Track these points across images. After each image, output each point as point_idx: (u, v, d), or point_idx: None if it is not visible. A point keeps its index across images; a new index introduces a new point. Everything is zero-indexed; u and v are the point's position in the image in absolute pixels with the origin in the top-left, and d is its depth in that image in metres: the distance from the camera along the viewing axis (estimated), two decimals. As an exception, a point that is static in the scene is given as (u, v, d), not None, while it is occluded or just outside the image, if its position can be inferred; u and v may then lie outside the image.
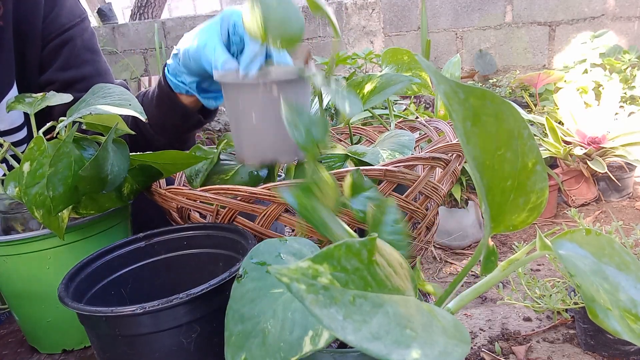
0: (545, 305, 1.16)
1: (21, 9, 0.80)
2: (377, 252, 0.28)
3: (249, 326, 0.35)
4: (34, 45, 0.83)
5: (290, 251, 0.40)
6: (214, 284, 0.44)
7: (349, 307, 0.24)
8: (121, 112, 0.55)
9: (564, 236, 0.33)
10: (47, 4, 0.83)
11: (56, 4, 0.84)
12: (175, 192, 0.60)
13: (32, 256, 0.59)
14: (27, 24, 0.81)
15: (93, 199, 0.59)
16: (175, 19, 3.63)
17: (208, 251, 0.58)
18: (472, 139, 0.26)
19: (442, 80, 0.25)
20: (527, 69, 2.79)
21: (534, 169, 0.29)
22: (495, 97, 0.26)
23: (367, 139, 0.90)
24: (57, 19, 0.83)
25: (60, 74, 0.84)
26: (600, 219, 2.04)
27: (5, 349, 0.67)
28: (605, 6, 2.55)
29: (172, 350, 0.44)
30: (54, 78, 0.85)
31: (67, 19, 0.84)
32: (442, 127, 0.81)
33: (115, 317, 0.42)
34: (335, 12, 3.15)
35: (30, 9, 0.81)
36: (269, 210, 0.57)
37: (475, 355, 1.16)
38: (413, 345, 0.24)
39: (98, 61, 0.88)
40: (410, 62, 0.79)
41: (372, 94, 0.70)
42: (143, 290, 0.57)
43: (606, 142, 2.05)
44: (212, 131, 2.67)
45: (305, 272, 0.24)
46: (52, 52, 0.84)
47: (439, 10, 2.89)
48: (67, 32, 0.84)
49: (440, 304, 0.38)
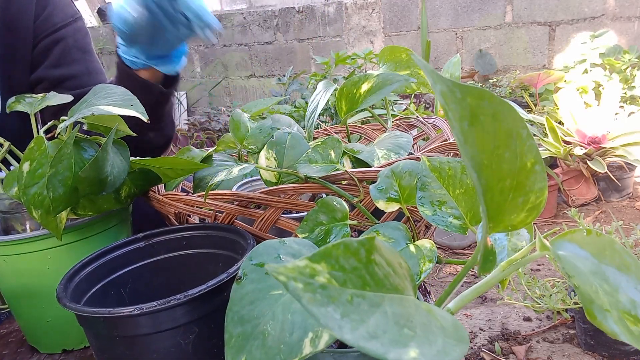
0: (545, 305, 1.16)
1: (11, 7, 0.81)
2: (376, 252, 0.28)
3: (249, 328, 0.35)
4: (24, 43, 0.83)
5: (289, 252, 0.40)
6: (212, 285, 0.44)
7: (347, 306, 0.24)
8: (122, 113, 0.54)
9: (564, 237, 0.33)
10: (38, 4, 0.83)
11: (48, 3, 0.85)
12: (173, 198, 0.60)
13: (32, 256, 0.59)
14: (17, 22, 0.82)
15: (91, 201, 0.59)
16: (175, 20, 3.62)
17: (207, 251, 0.58)
18: (469, 139, 0.26)
19: (439, 79, 0.25)
20: (527, 69, 2.79)
21: (533, 169, 0.28)
22: (493, 97, 0.26)
23: (365, 137, 0.90)
24: (49, 19, 0.84)
25: (50, 71, 0.85)
26: (600, 219, 2.04)
27: (5, 349, 0.67)
28: (605, 6, 2.55)
29: (170, 351, 0.44)
30: (44, 75, 0.85)
31: (60, 18, 0.85)
32: (439, 124, 0.81)
33: (114, 317, 0.42)
34: (335, 12, 3.15)
35: (20, 8, 0.82)
36: (267, 215, 0.57)
37: (475, 355, 1.16)
38: (411, 344, 0.24)
39: (90, 60, 0.88)
40: (408, 60, 0.79)
41: (368, 94, 0.70)
42: (142, 291, 0.57)
43: (606, 142, 2.05)
44: (212, 131, 2.67)
45: (302, 270, 0.24)
46: (43, 50, 0.85)
47: (439, 10, 2.89)
48: (59, 31, 0.85)
49: (440, 304, 0.38)
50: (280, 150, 0.66)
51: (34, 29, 0.83)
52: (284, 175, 0.63)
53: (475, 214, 0.45)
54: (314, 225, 0.53)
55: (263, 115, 1.38)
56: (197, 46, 3.62)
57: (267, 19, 3.36)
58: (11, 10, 0.81)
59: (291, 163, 0.64)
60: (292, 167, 0.63)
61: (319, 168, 0.59)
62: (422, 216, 0.46)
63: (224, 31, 3.48)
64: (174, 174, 0.62)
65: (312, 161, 0.62)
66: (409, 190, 0.51)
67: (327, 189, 0.58)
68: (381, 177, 0.53)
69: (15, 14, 0.82)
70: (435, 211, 0.45)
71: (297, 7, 3.25)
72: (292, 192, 0.57)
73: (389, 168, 0.53)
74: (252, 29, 3.42)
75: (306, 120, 0.78)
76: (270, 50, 3.42)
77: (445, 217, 0.45)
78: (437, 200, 0.46)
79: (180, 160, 0.60)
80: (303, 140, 0.67)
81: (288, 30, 3.32)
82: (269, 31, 3.38)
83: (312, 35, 3.26)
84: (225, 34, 3.51)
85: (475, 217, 0.45)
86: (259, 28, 3.40)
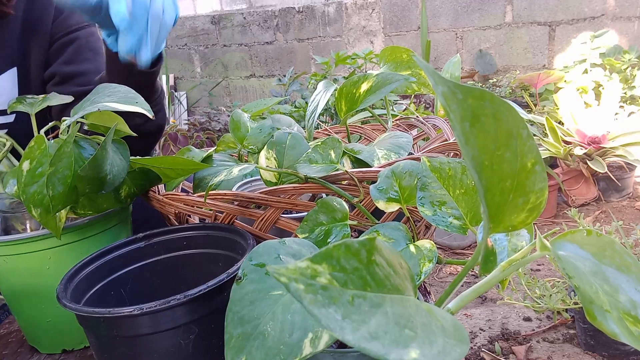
0: (545, 305, 1.16)
1: (34, 10, 0.89)
2: (377, 252, 0.28)
3: (249, 328, 0.35)
4: (42, 42, 0.90)
5: (289, 252, 0.40)
6: (212, 285, 0.44)
7: (348, 307, 0.24)
8: (128, 109, 0.55)
9: (564, 237, 0.33)
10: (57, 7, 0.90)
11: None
12: (173, 198, 0.60)
13: (32, 256, 0.59)
14: (38, 23, 0.89)
15: (91, 200, 0.59)
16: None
17: (207, 251, 0.58)
18: (470, 140, 0.26)
19: (440, 80, 0.25)
20: (527, 69, 2.79)
21: (533, 169, 0.28)
22: (494, 97, 0.26)
23: (365, 137, 0.90)
24: (65, 21, 0.91)
25: (62, 67, 0.91)
26: (600, 219, 2.04)
27: (5, 349, 0.67)
28: (605, 6, 2.55)
29: (170, 351, 0.44)
30: (56, 71, 0.91)
31: (76, 21, 0.92)
32: (439, 124, 0.81)
33: (113, 318, 0.42)
34: (335, 12, 3.15)
35: (42, 10, 0.89)
36: (267, 215, 0.57)
37: (475, 355, 1.16)
38: (412, 345, 0.24)
39: (99, 61, 0.93)
40: (409, 61, 0.79)
41: (368, 94, 0.70)
42: (143, 291, 0.57)
43: (606, 142, 2.05)
44: (212, 131, 2.67)
45: (303, 272, 0.24)
46: (58, 49, 0.91)
47: (439, 10, 2.89)
48: (74, 32, 0.92)
49: (440, 304, 0.38)
50: (281, 150, 0.66)
51: (51, 29, 0.90)
52: (284, 175, 0.63)
53: (475, 215, 0.45)
54: (314, 226, 0.53)
55: (263, 115, 1.38)
56: (197, 46, 3.62)
57: (267, 19, 3.36)
58: (34, 13, 0.88)
59: (291, 163, 0.64)
60: (292, 167, 0.63)
61: (319, 168, 0.59)
62: (422, 216, 0.46)
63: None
64: (174, 173, 0.62)
65: (312, 161, 0.62)
66: (409, 190, 0.51)
67: (327, 189, 0.58)
68: (381, 177, 0.53)
69: (38, 16, 0.88)
70: (435, 211, 0.45)
71: (297, 7, 3.25)
72: (292, 192, 0.57)
73: (389, 168, 0.53)
74: (252, 29, 3.42)
75: (306, 120, 0.78)
76: (270, 51, 3.42)
77: (446, 218, 0.45)
78: (437, 200, 0.46)
79: (180, 160, 0.60)
80: (303, 140, 0.67)
81: (288, 30, 3.32)
82: (269, 31, 3.38)
83: (312, 35, 3.26)
84: (225, 34, 3.51)
85: (475, 217, 0.45)
86: (259, 28, 3.40)
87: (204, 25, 3.55)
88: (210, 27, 3.54)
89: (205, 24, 3.54)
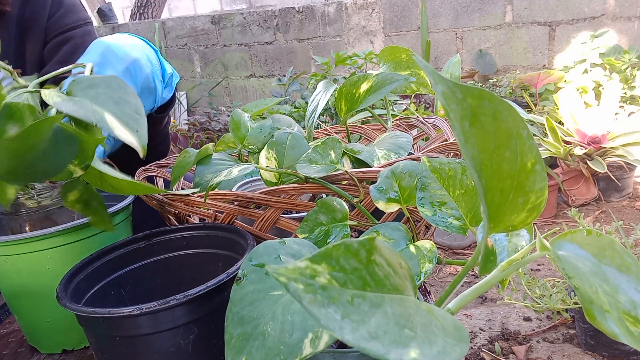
0: (545, 305, 1.16)
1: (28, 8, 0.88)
2: (376, 252, 0.28)
3: (249, 329, 0.35)
4: (36, 41, 0.89)
5: (289, 252, 0.40)
6: (212, 285, 0.44)
7: (347, 307, 0.24)
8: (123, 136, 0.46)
9: (564, 237, 0.33)
10: (53, 6, 0.90)
11: (62, 6, 0.91)
12: (173, 198, 0.60)
13: (32, 256, 0.59)
14: (32, 21, 0.88)
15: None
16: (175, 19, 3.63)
17: (207, 251, 0.58)
18: (470, 139, 0.26)
19: (440, 80, 0.25)
20: (527, 69, 2.79)
21: (533, 169, 0.28)
22: (494, 97, 0.26)
23: (365, 137, 0.90)
24: (61, 19, 0.90)
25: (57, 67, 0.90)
26: (600, 219, 2.04)
27: (5, 349, 0.67)
28: (605, 6, 2.55)
29: (170, 352, 0.44)
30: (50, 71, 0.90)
31: (71, 20, 0.91)
32: (439, 124, 0.81)
33: (113, 318, 0.42)
34: (335, 12, 3.15)
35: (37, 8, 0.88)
36: (267, 215, 0.57)
37: (475, 355, 1.16)
38: (411, 344, 0.24)
39: None
40: (408, 61, 0.79)
41: (368, 94, 0.70)
42: (143, 291, 0.57)
43: (606, 142, 2.05)
44: (212, 131, 2.67)
45: (303, 271, 0.24)
46: (52, 48, 0.90)
47: (439, 10, 2.89)
48: (69, 31, 0.91)
49: (440, 304, 0.38)
50: (281, 150, 0.66)
51: (45, 28, 0.89)
52: (284, 176, 0.63)
53: (475, 215, 0.45)
54: (313, 226, 0.53)
55: (263, 115, 1.38)
56: (197, 46, 3.62)
57: (267, 19, 3.36)
58: (28, 11, 0.88)
59: (291, 163, 0.64)
60: (292, 167, 0.63)
61: (319, 168, 0.59)
62: (422, 217, 0.46)
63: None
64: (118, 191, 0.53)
65: (312, 161, 0.62)
66: (409, 190, 0.51)
67: (327, 189, 0.58)
68: (381, 177, 0.53)
69: (33, 14, 0.88)
70: (435, 212, 0.45)
71: (297, 7, 3.25)
72: (292, 193, 0.57)
73: (389, 168, 0.53)
74: (252, 29, 3.42)
75: (306, 120, 0.78)
76: (270, 50, 3.42)
77: (446, 218, 0.45)
78: (437, 200, 0.46)
79: (138, 186, 0.53)
80: (303, 140, 0.67)
81: (288, 30, 3.32)
82: (269, 31, 3.38)
83: (312, 35, 3.26)
84: (225, 34, 3.51)
85: (475, 217, 0.45)
86: (259, 28, 3.40)
87: (204, 25, 3.55)
88: (210, 27, 3.54)
89: (205, 24, 3.54)
